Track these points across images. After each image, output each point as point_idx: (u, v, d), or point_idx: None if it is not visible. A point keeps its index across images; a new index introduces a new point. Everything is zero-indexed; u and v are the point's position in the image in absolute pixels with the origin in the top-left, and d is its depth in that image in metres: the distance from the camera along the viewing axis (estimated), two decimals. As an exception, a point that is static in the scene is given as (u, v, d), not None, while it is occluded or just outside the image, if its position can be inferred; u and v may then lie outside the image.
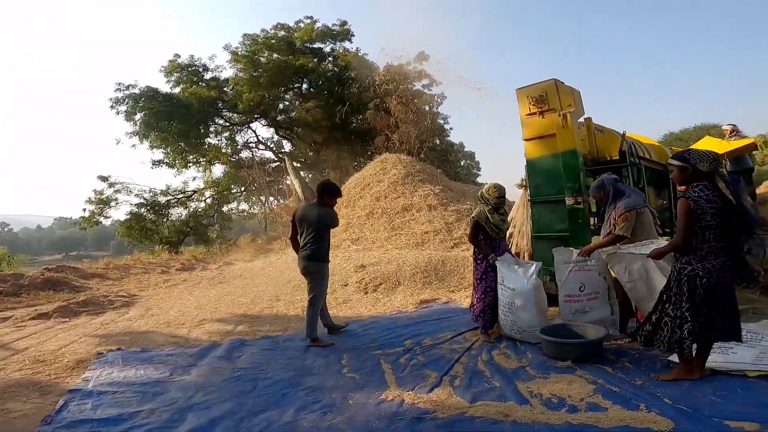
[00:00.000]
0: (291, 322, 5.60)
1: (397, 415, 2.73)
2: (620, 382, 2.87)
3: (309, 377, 3.53)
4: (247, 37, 21.64)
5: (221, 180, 22.68)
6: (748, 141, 7.11)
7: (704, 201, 2.65)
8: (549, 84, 4.66)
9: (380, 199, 11.76)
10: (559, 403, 2.65)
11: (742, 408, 2.36)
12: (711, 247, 2.69)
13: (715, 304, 2.69)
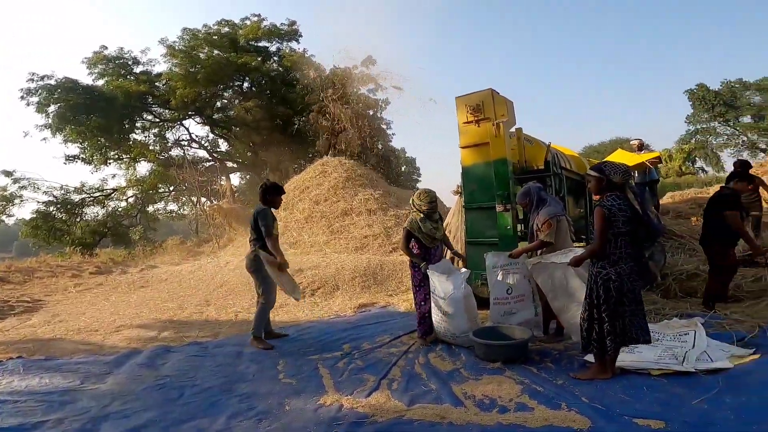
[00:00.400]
0: (222, 327, 5.29)
1: (336, 420, 2.66)
2: (544, 382, 2.98)
3: (242, 384, 3.36)
4: (186, 31, 20.61)
5: (146, 178, 21.13)
6: (654, 155, 7.88)
7: (617, 210, 2.85)
8: (486, 94, 4.83)
9: (320, 203, 11.58)
10: (491, 404, 2.72)
11: (648, 406, 2.51)
12: (622, 253, 2.88)
13: (627, 306, 2.88)
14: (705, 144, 26.72)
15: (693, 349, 3.15)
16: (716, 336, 3.44)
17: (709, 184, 14.05)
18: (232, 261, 9.49)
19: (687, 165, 26.03)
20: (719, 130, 26.68)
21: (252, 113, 20.52)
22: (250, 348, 4.24)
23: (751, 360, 2.98)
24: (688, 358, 3.04)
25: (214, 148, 24.96)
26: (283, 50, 22.47)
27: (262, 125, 20.90)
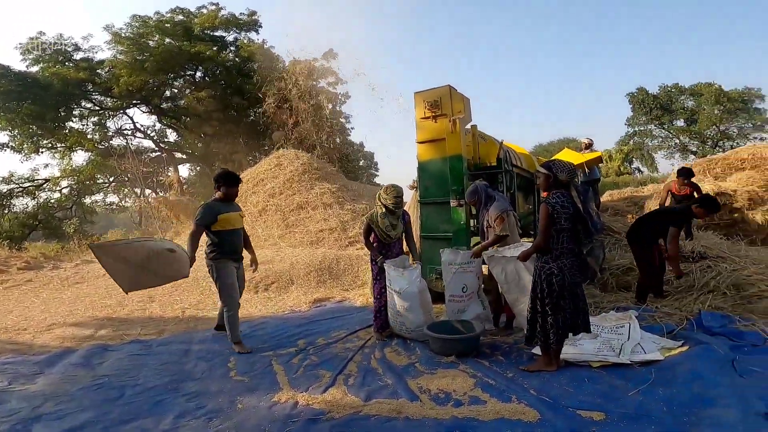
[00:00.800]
0: (168, 324, 5.05)
1: (291, 417, 2.60)
2: (495, 375, 3.05)
3: (190, 382, 3.23)
4: (136, 18, 19.51)
5: (83, 168, 19.73)
6: (597, 154, 8.33)
7: (560, 207, 2.97)
8: (444, 90, 4.88)
9: (275, 196, 11.29)
10: (446, 397, 2.76)
11: (590, 398, 2.62)
12: (564, 248, 3.00)
13: (569, 300, 3.01)
14: (642, 146, 28.55)
15: (628, 342, 3.32)
16: (648, 328, 3.65)
17: (644, 183, 15.03)
18: (179, 255, 9.04)
19: (625, 165, 27.70)
20: (655, 132, 28.58)
21: (204, 103, 19.72)
22: (198, 345, 4.07)
23: (679, 352, 3.19)
24: (624, 351, 3.20)
25: (161, 138, 23.82)
26: (240, 40, 21.76)
27: (215, 116, 20.23)
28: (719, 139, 25.87)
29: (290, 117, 18.51)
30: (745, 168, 9.22)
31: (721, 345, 3.20)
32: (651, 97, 27.47)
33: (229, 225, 3.93)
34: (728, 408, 2.27)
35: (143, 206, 17.01)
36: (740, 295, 4.29)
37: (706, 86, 25.83)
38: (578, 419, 2.36)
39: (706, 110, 25.54)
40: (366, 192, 12.72)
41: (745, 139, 24.74)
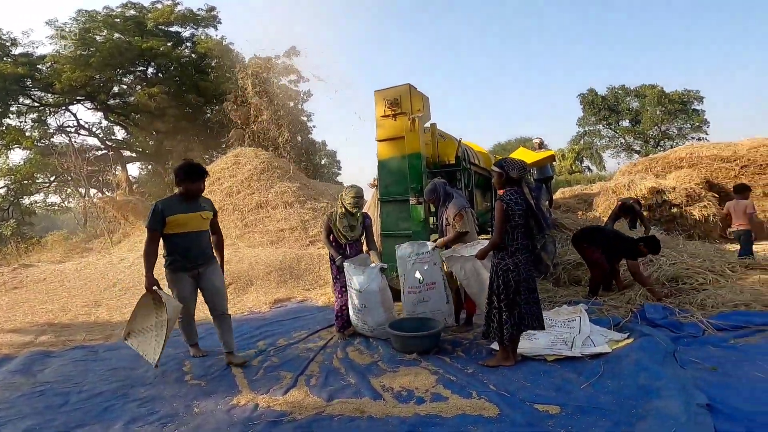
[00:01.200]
0: (116, 329, 4.79)
1: (251, 420, 2.54)
2: (456, 372, 3.08)
3: (141, 388, 3.10)
4: (82, 13, 18.54)
5: (21, 167, 18.39)
6: (550, 153, 8.64)
7: (514, 203, 3.06)
8: (404, 88, 4.93)
9: (232, 195, 10.98)
10: (408, 395, 2.77)
11: (546, 392, 2.68)
12: (519, 244, 3.07)
13: (524, 295, 3.09)
14: (591, 145, 30.01)
15: (579, 335, 3.46)
16: (597, 321, 3.81)
17: (593, 181, 15.80)
18: (127, 258, 8.61)
19: (576, 164, 28.99)
20: (603, 132, 30.12)
21: (156, 100, 18.88)
22: None
23: (625, 344, 3.34)
24: (575, 344, 3.34)
25: (108, 136, 22.60)
26: (198, 36, 21.06)
27: (169, 113, 19.50)
28: (660, 139, 27.58)
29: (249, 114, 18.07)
30: (683, 166, 9.91)
31: (663, 337, 3.39)
32: (600, 98, 28.88)
33: (179, 228, 3.34)
34: (671, 399, 2.38)
35: (88, 207, 16.05)
36: (678, 288, 4.58)
37: (649, 88, 27.46)
38: (536, 413, 2.43)
39: (649, 111, 27.15)
40: (328, 190, 12.63)
41: (684, 138, 26.52)
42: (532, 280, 3.14)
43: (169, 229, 3.33)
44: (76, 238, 14.37)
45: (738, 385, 2.58)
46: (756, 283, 4.33)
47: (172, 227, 3.34)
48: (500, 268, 3.09)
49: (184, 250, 3.39)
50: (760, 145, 9.73)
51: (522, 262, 3.06)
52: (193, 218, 3.43)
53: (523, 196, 3.09)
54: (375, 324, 3.90)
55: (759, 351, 3.06)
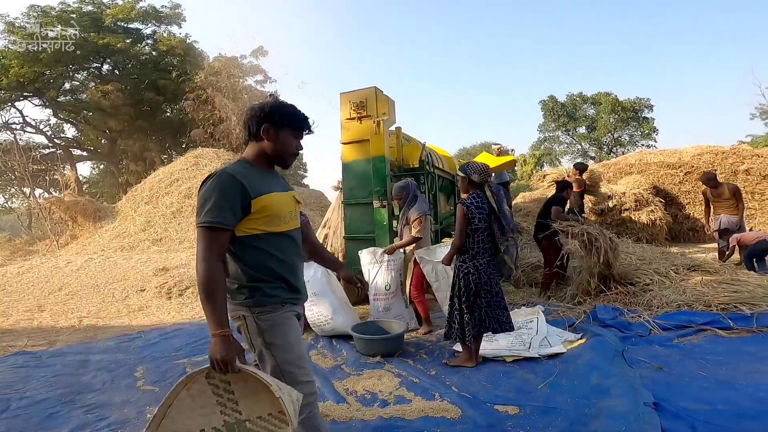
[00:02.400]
0: (61, 334, 4.56)
1: (207, 425, 2.44)
2: (420, 374, 3.09)
3: (89, 394, 2.95)
4: (34, 8, 17.67)
5: (-41, 166, 17.14)
6: (510, 158, 8.89)
7: (475, 207, 3.12)
8: (370, 91, 4.93)
9: (191, 197, 10.63)
10: (372, 398, 2.77)
11: (505, 393, 2.72)
12: (480, 247, 3.11)
13: (485, 298, 3.14)
14: (551, 151, 31.17)
15: (536, 336, 3.56)
16: (553, 323, 3.94)
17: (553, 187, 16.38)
18: (75, 261, 8.15)
19: (537, 169, 29.99)
20: (562, 138, 31.36)
21: (111, 97, 18.02)
22: (99, 355, 3.72)
23: (578, 345, 3.46)
24: (532, 344, 3.43)
25: (57, 134, 21.35)
26: (159, 34, 20.27)
27: (124, 111, 18.71)
28: (613, 146, 29.00)
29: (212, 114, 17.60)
30: (633, 172, 10.47)
31: (612, 336, 3.54)
32: (559, 105, 30.03)
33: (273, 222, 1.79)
34: (621, 398, 2.47)
35: (33, 207, 15.09)
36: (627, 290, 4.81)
37: (604, 95, 28.84)
38: (496, 414, 2.47)
39: (603, 118, 28.50)
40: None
41: (635, 145, 27.97)
42: (495, 283, 3.17)
43: (254, 224, 1.62)
44: (19, 240, 13.48)
45: (682, 384, 2.69)
46: (698, 284, 4.56)
47: (261, 220, 1.63)
48: (461, 270, 3.14)
49: (286, 268, 1.69)
50: (703, 152, 10.41)
51: (483, 265, 3.10)
52: (288, 203, 1.75)
53: (485, 200, 3.14)
54: (331, 313, 3.85)
55: (701, 350, 3.24)
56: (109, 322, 5.04)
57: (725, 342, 3.39)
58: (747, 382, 2.63)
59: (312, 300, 3.87)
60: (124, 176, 19.67)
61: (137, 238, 9.43)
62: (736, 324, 3.61)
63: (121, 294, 6.33)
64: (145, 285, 6.44)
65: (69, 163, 19.87)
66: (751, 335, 3.48)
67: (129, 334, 4.50)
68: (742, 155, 10.24)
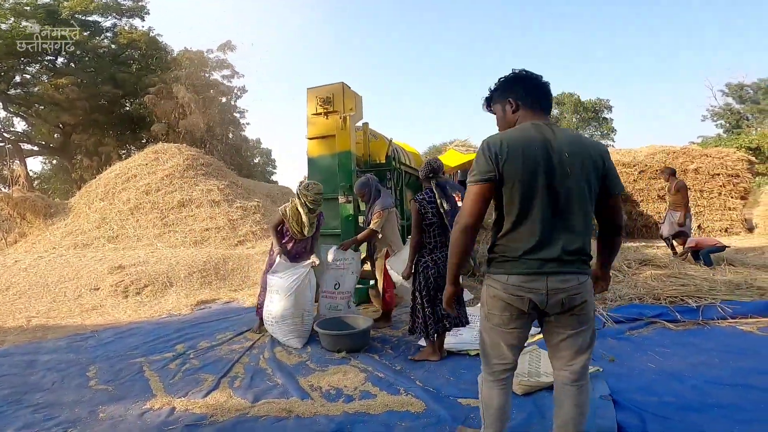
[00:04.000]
0: (8, 335, 4.32)
1: (167, 424, 2.39)
2: (385, 369, 3.10)
3: (36, 394, 2.83)
4: None
5: None
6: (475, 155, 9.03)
7: (426, 203, 3.18)
8: (337, 87, 4.91)
9: (150, 193, 10.24)
10: (337, 394, 2.76)
11: (468, 386, 2.73)
12: (436, 242, 3.15)
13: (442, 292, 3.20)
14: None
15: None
16: None
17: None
18: (23, 259, 7.70)
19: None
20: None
21: (65, 91, 17.13)
22: (48, 356, 3.55)
23: (539, 338, 3.48)
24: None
25: (5, 128, 20.17)
26: (120, 27, 19.40)
27: (79, 105, 17.84)
28: (575, 145, 30.28)
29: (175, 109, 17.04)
30: (591, 172, 10.91)
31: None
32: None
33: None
34: None
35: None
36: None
37: (567, 96, 29.92)
38: (459, 407, 2.52)
39: (566, 118, 29.56)
40: (260, 189, 12.25)
41: (595, 146, 29.31)
42: None
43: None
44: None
45: (632, 376, 2.80)
46: (648, 278, 4.83)
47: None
48: (420, 265, 3.19)
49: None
50: (656, 152, 10.98)
51: (441, 259, 3.14)
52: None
53: (433, 196, 3.19)
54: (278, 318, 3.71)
55: (651, 342, 3.41)
56: (60, 321, 4.80)
57: (673, 335, 3.58)
58: (692, 374, 2.78)
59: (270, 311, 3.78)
60: (77, 172, 18.77)
61: (91, 235, 9.01)
62: (683, 317, 3.84)
63: (73, 293, 6.03)
64: (99, 283, 6.16)
65: (18, 158, 18.78)
66: (697, 327, 3.70)
67: (81, 333, 4.30)
68: (691, 155, 10.87)
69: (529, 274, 1.61)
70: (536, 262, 1.60)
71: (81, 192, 11.66)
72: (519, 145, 1.60)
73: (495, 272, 1.70)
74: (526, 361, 2.99)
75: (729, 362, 2.95)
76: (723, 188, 10.47)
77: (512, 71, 1.79)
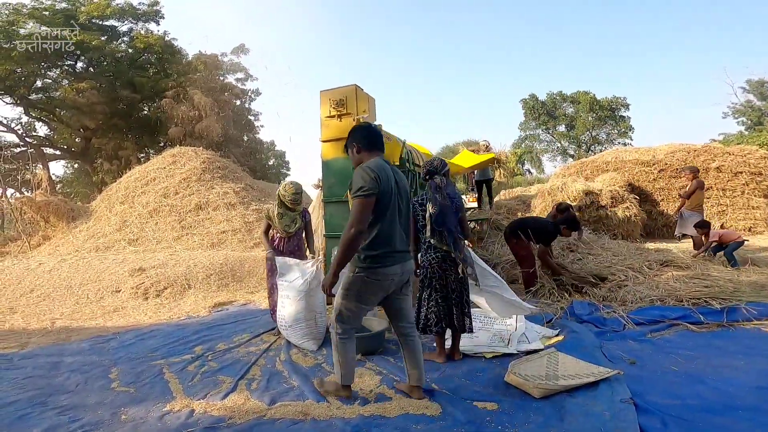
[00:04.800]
0: (33, 336, 4.44)
1: (187, 426, 2.42)
2: (400, 371, 3.05)
3: (61, 396, 2.89)
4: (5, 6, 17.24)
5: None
6: (491, 156, 8.98)
7: (418, 205, 3.21)
8: (350, 89, 4.92)
9: (168, 196, 10.44)
10: (353, 396, 2.75)
11: (484, 389, 2.73)
12: (430, 243, 3.13)
13: (439, 293, 3.17)
14: (531, 149, 31.62)
15: (515, 332, 3.60)
16: (531, 319, 3.99)
17: (532, 184, 16.70)
18: (47, 262, 7.92)
19: (518, 167, 30.38)
20: (542, 136, 31.85)
21: (85, 95, 17.53)
22: (72, 357, 3.64)
23: (556, 341, 3.53)
24: (511, 341, 3.48)
25: (28, 132, 20.73)
26: (137, 31, 19.80)
27: (98, 109, 18.21)
28: (591, 144, 29.61)
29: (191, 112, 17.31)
30: (609, 170, 10.72)
31: (588, 333, 3.61)
32: (540, 104, 30.45)
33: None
34: (597, 394, 2.53)
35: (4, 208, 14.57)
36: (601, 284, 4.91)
37: (583, 94, 29.38)
38: (475, 410, 2.49)
39: (582, 117, 29.04)
40: (274, 191, 12.34)
41: (612, 143, 28.63)
42: (450, 279, 3.16)
43: None
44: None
45: (654, 378, 2.75)
46: (670, 279, 4.70)
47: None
48: (421, 264, 3.22)
49: None
50: (676, 150, 10.73)
51: (435, 259, 3.14)
52: None
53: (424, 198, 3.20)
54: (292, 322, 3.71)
55: (673, 344, 3.33)
56: (83, 323, 4.92)
57: (696, 336, 3.49)
58: (716, 377, 2.72)
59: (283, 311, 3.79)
60: (98, 175, 19.20)
61: (112, 238, 9.22)
62: (707, 318, 3.73)
63: (95, 295, 6.18)
64: (120, 286, 6.31)
65: (41, 163, 19.29)
66: (721, 329, 3.61)
67: (104, 335, 4.40)
68: (713, 153, 10.60)
69: (394, 264, 2.45)
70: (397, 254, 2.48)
71: (102, 195, 11.95)
72: (384, 174, 2.41)
73: (373, 266, 2.43)
74: (544, 364, 2.96)
75: (754, 365, 2.87)
76: (746, 187, 10.17)
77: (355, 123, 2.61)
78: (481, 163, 8.25)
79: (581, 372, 2.80)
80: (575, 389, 2.62)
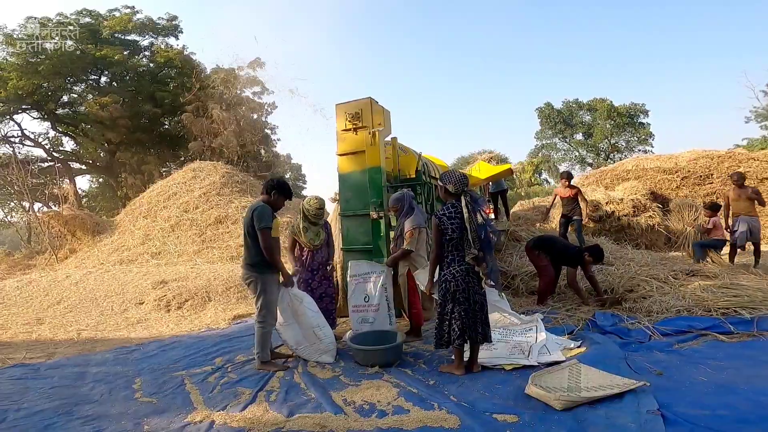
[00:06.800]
0: (60, 347, 4.57)
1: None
2: (418, 384, 3.07)
3: (86, 405, 2.95)
4: (31, 20, 17.84)
5: (-43, 180, 17.21)
6: (507, 167, 8.89)
7: (446, 218, 3.10)
8: (365, 102, 4.95)
9: (189, 211, 10.66)
10: (370, 409, 2.74)
11: (503, 401, 2.69)
12: (454, 256, 3.11)
13: (464, 305, 3.12)
14: (548, 158, 31.16)
15: (535, 344, 3.53)
16: (552, 330, 3.93)
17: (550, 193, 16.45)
18: (73, 274, 8.14)
19: (535, 176, 29.95)
20: (559, 145, 31.29)
21: (109, 110, 18.12)
22: (97, 368, 3.72)
23: (577, 353, 3.43)
24: (531, 352, 3.41)
25: (55, 147, 21.46)
26: (157, 45, 20.46)
27: (122, 123, 18.77)
28: (610, 152, 28.97)
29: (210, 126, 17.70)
30: (629, 178, 10.51)
31: (612, 344, 3.53)
32: (555, 112, 30.04)
33: (276, 233, 3.66)
34: (622, 406, 2.46)
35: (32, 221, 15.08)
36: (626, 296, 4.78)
37: (600, 101, 28.83)
38: (494, 423, 2.45)
39: (599, 124, 28.51)
40: (292, 205, 12.48)
41: (632, 151, 27.89)
42: (472, 291, 3.13)
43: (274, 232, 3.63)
44: (19, 254, 13.47)
45: (682, 389, 2.67)
46: (697, 289, 4.55)
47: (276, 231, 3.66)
48: (441, 279, 3.17)
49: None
50: (698, 157, 10.46)
51: (459, 272, 3.09)
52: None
53: (459, 210, 3.10)
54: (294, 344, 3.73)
55: (701, 355, 3.22)
56: (107, 334, 5.05)
57: (726, 347, 3.37)
58: (748, 387, 2.61)
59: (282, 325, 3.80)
60: (122, 189, 19.72)
61: (136, 251, 9.44)
62: (737, 328, 3.61)
63: (119, 307, 6.33)
64: (143, 298, 6.44)
65: (67, 177, 19.91)
66: (752, 339, 3.48)
67: (127, 346, 4.50)
68: (738, 159, 10.31)
69: None
70: None
71: (126, 210, 12.28)
72: None
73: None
74: (566, 375, 2.90)
75: (787, 375, 2.74)
76: (773, 192, 9.84)
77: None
78: (497, 174, 8.19)
79: (605, 383, 2.73)
80: (598, 401, 2.54)
